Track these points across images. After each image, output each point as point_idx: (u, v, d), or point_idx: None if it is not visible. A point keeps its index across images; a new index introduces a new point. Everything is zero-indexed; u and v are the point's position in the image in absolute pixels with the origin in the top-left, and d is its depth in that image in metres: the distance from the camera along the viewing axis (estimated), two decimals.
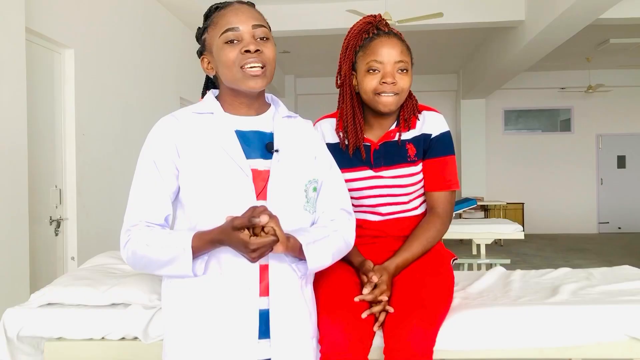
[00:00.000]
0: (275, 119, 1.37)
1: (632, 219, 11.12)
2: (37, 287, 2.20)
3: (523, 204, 11.04)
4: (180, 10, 5.27)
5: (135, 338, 1.57)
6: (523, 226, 8.27)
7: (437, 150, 1.66)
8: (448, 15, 5.89)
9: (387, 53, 1.56)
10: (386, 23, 1.65)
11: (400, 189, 1.66)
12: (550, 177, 11.21)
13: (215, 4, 1.36)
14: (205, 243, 1.20)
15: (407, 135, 1.66)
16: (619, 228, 11.17)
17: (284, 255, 1.26)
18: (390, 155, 1.65)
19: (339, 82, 1.69)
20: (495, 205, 9.83)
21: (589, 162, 11.25)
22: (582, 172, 11.23)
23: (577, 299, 1.66)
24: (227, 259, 1.25)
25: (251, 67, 1.26)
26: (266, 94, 1.43)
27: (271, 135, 1.34)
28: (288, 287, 1.29)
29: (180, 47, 5.54)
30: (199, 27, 1.38)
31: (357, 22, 1.65)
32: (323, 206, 1.39)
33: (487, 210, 10.17)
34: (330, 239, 1.33)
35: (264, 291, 1.26)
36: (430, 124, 1.67)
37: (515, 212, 10.75)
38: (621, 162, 11.25)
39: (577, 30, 5.84)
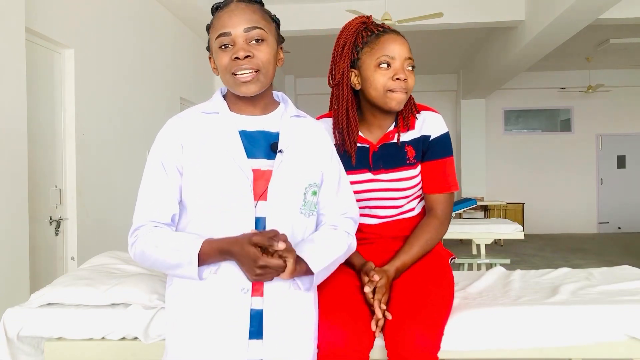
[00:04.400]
0: (283, 119, 1.35)
1: (632, 219, 11.11)
2: (37, 287, 2.20)
3: (523, 204, 11.04)
4: (181, 10, 5.27)
5: (135, 338, 1.57)
6: (523, 226, 8.29)
7: (436, 152, 1.64)
8: (448, 15, 5.88)
9: (399, 49, 1.54)
10: (382, 23, 1.63)
11: (398, 192, 1.64)
12: (550, 177, 11.20)
13: (217, 2, 1.33)
14: (213, 250, 1.20)
15: (406, 137, 1.63)
16: (619, 228, 11.17)
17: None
18: (390, 157, 1.62)
19: (332, 81, 1.63)
20: (495, 205, 9.83)
21: (589, 162, 11.25)
22: (582, 172, 11.23)
23: (577, 299, 1.66)
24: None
25: (241, 74, 1.24)
26: (276, 92, 1.41)
27: (277, 135, 1.32)
28: (283, 288, 1.28)
29: (180, 47, 5.54)
30: (207, 25, 1.36)
31: (352, 22, 1.62)
32: (328, 211, 1.39)
33: (487, 210, 10.17)
34: (338, 256, 1.34)
35: (260, 291, 1.26)
36: (430, 125, 1.63)
37: (515, 212, 10.76)
38: (621, 162, 11.25)
39: (577, 30, 5.83)
